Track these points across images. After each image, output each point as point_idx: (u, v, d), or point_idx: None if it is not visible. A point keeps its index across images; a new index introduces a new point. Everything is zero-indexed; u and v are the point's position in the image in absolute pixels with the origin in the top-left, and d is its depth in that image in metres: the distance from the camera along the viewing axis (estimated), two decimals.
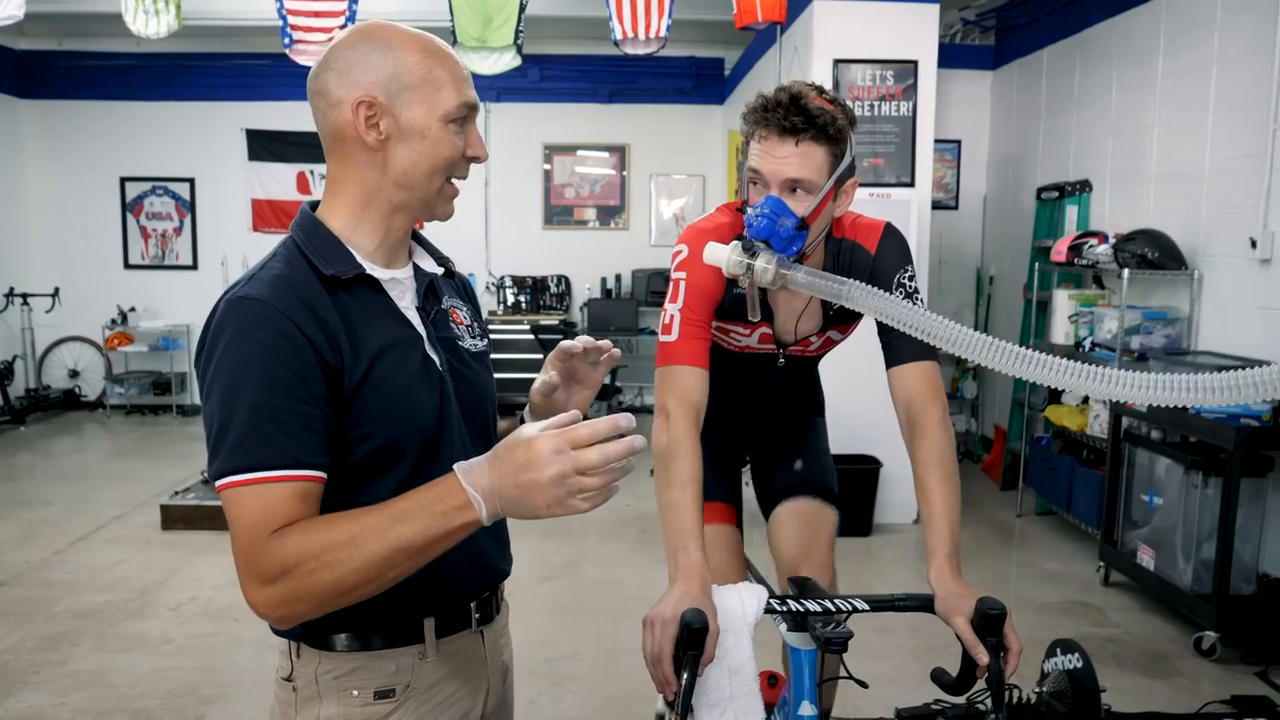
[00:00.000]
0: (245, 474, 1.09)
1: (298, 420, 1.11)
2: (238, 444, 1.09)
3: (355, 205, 1.24)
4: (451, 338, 1.33)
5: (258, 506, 1.09)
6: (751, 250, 1.53)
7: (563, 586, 4.29)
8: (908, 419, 1.70)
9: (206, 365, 1.14)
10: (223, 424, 1.10)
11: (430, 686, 1.27)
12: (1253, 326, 4.06)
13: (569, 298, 8.59)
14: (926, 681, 3.35)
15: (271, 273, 1.17)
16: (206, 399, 1.13)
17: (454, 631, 1.29)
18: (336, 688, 1.23)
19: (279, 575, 1.07)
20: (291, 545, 1.07)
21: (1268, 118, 3.93)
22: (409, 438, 1.21)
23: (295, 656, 1.25)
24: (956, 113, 6.68)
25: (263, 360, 1.10)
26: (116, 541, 4.89)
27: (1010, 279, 6.48)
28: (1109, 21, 5.24)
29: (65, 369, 8.58)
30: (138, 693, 3.28)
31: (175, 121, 8.33)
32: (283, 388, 1.10)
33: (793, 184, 1.61)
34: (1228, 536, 3.54)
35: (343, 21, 4.79)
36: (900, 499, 5.25)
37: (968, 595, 1.46)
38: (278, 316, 1.12)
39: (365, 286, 1.23)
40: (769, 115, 1.60)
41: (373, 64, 1.19)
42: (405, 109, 1.19)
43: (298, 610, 1.09)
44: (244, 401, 1.09)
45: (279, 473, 1.09)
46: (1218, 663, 3.54)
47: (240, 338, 1.11)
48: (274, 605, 1.09)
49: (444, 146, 1.21)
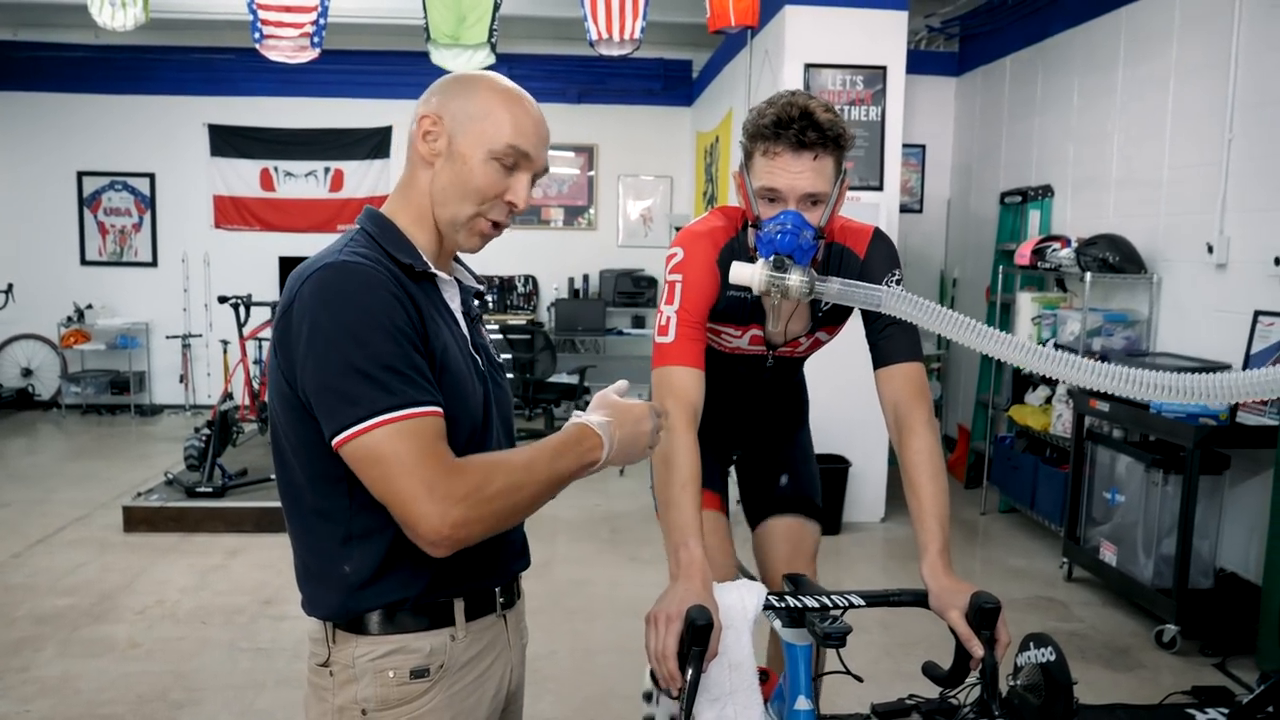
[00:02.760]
0: (400, 410, 1.14)
1: (425, 367, 1.20)
2: (384, 385, 1.14)
3: (415, 212, 1.33)
4: (486, 345, 1.42)
5: (424, 437, 1.14)
6: (783, 267, 1.57)
7: (535, 586, 4.26)
8: (895, 419, 1.74)
9: (314, 324, 1.16)
10: (358, 369, 1.14)
11: (462, 666, 1.32)
12: (1209, 328, 4.18)
13: (536, 298, 8.58)
14: (899, 678, 3.42)
15: (358, 251, 1.23)
16: (321, 355, 1.15)
17: (481, 614, 1.35)
18: (373, 669, 1.26)
19: (469, 494, 1.14)
20: (481, 467, 1.17)
21: (1223, 128, 4.06)
22: (463, 420, 1.27)
23: (331, 642, 1.29)
24: (921, 118, 6.79)
25: (387, 314, 1.17)
26: (77, 544, 4.79)
27: (973, 282, 6.60)
28: (1070, 31, 5.37)
29: (18, 367, 8.38)
30: (105, 699, 3.23)
31: (135, 115, 8.17)
32: (408, 339, 1.18)
33: (811, 197, 1.65)
34: (1187, 532, 3.65)
35: (314, 17, 4.74)
36: (868, 498, 5.32)
37: (961, 590, 1.51)
38: (387, 279, 1.20)
39: (429, 282, 1.32)
40: (782, 131, 1.62)
41: (456, 94, 1.31)
42: (460, 135, 1.29)
43: (473, 530, 1.16)
44: (380, 349, 1.15)
45: (427, 408, 1.16)
46: (1178, 655, 3.64)
47: (360, 294, 1.17)
48: (458, 524, 1.14)
49: (478, 177, 1.29)
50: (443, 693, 1.29)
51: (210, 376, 8.31)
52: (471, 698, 1.33)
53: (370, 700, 1.26)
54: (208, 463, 5.18)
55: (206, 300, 8.12)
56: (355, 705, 1.26)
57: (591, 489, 5.94)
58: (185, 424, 7.78)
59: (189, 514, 4.93)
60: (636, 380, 8.92)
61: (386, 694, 1.26)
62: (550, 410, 7.35)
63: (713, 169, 7.29)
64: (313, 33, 4.79)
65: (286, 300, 1.21)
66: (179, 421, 8.02)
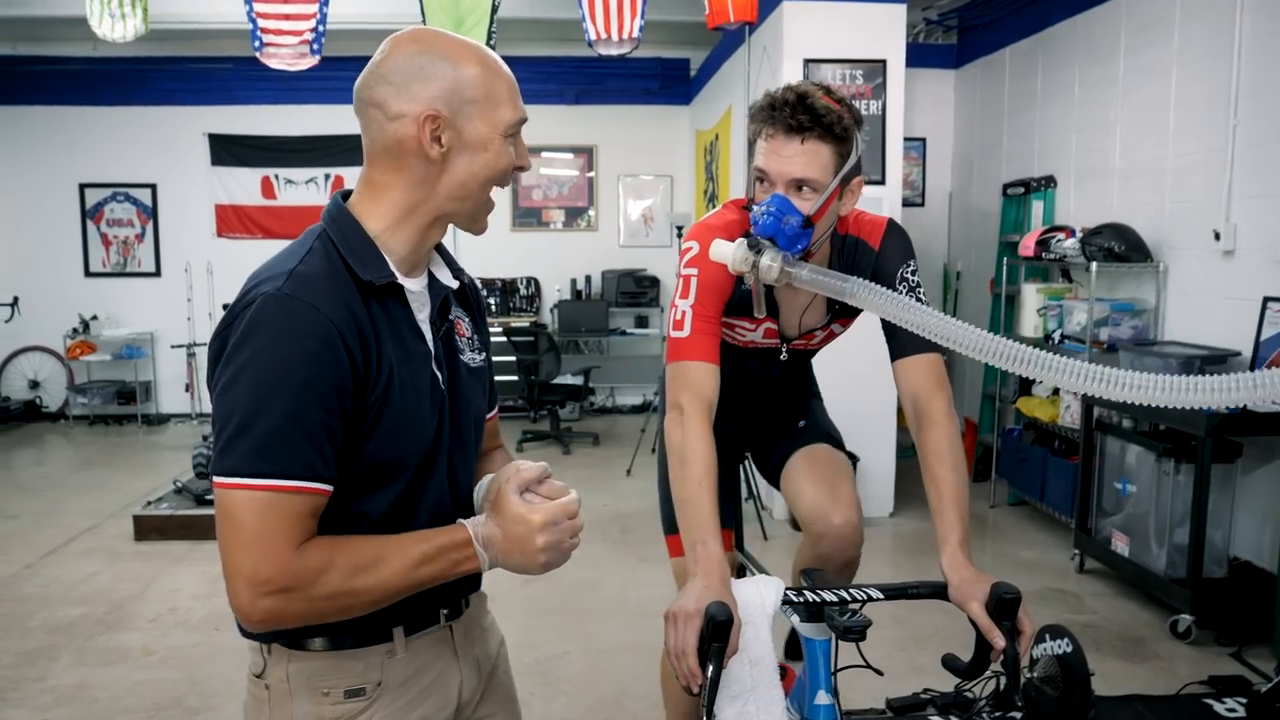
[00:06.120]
0: (265, 479, 1.08)
1: (326, 435, 1.11)
2: (261, 447, 1.08)
3: (397, 213, 1.22)
4: (454, 354, 1.32)
5: (274, 514, 1.08)
6: (757, 247, 1.55)
7: (545, 588, 4.28)
8: (914, 410, 1.73)
9: (233, 356, 1.10)
10: (245, 422, 1.08)
11: (402, 683, 1.27)
12: (1217, 317, 4.17)
13: (539, 299, 8.57)
14: (913, 671, 3.40)
15: (313, 270, 1.15)
16: (226, 389, 1.10)
17: (423, 629, 1.30)
18: (308, 686, 1.23)
19: (290, 587, 1.08)
20: (315, 561, 1.09)
21: (1227, 113, 4.05)
22: (410, 455, 1.22)
23: (267, 654, 1.25)
24: (921, 111, 6.78)
25: (305, 370, 1.09)
26: (89, 553, 4.80)
27: (977, 274, 6.59)
28: (1070, 20, 5.35)
29: (25, 379, 8.39)
30: (122, 706, 3.23)
31: (135, 126, 8.18)
32: (319, 400, 1.10)
33: (799, 183, 1.63)
34: (1200, 521, 3.63)
35: (313, 24, 4.75)
36: (877, 493, 5.31)
37: (981, 580, 1.50)
38: (325, 324, 1.11)
39: (392, 296, 1.22)
40: (775, 114, 1.62)
41: (432, 77, 1.18)
42: (468, 123, 1.19)
43: (285, 621, 1.12)
44: (277, 408, 1.08)
45: (299, 483, 1.09)
46: (1193, 645, 3.63)
47: (284, 340, 1.09)
48: (268, 614, 1.10)
49: (503, 158, 1.23)
50: (381, 710, 1.25)
51: None
52: (414, 713, 1.28)
53: (307, 717, 1.23)
54: None
55: (210, 309, 8.12)
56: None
57: (600, 489, 5.94)
58: (192, 432, 7.80)
59: (199, 521, 4.93)
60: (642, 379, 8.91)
61: (322, 712, 1.23)
62: (555, 411, 7.35)
63: (713, 167, 7.28)
64: (312, 40, 4.80)
65: (229, 317, 1.14)
66: (186, 430, 8.03)
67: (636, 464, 6.43)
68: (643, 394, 8.62)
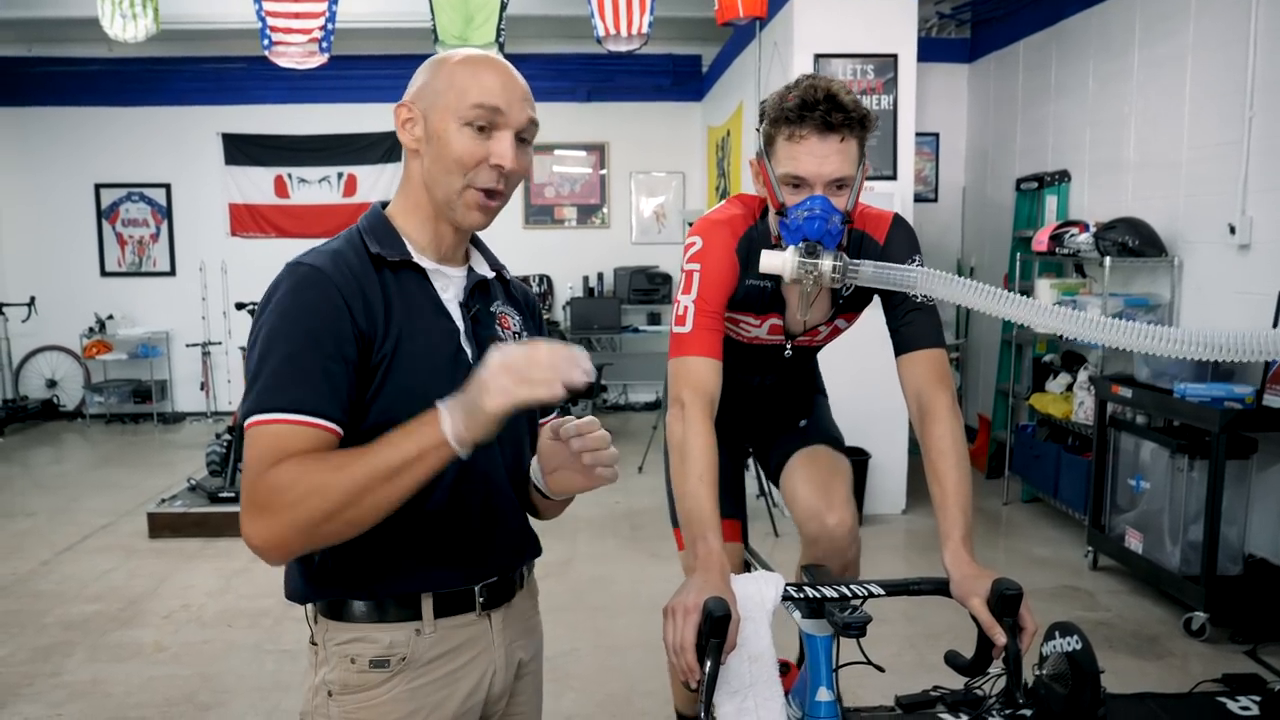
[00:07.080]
0: (268, 414, 1.16)
1: (325, 376, 1.18)
2: (266, 388, 1.17)
3: (409, 204, 1.34)
4: (492, 337, 1.36)
5: (269, 444, 1.15)
6: (814, 252, 1.55)
7: (556, 584, 4.29)
8: (918, 406, 1.72)
9: (256, 320, 1.24)
10: (256, 370, 1.18)
11: (427, 662, 1.31)
12: (1232, 311, 4.12)
13: (551, 297, 8.58)
14: (923, 669, 3.39)
15: (330, 248, 1.28)
16: (251, 350, 1.22)
17: (457, 612, 1.33)
18: (338, 654, 1.30)
19: (267, 501, 1.12)
20: (282, 472, 1.13)
21: (1243, 105, 4.00)
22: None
23: (313, 622, 1.34)
24: (933, 106, 6.74)
25: (305, 317, 1.19)
26: (103, 551, 4.84)
27: (991, 269, 6.55)
28: (1084, 13, 5.31)
29: (42, 379, 8.47)
30: (134, 702, 3.25)
31: (149, 126, 8.23)
32: (318, 344, 1.18)
33: (837, 182, 1.62)
34: (1215, 518, 3.59)
35: (322, 22, 4.76)
36: (889, 490, 5.29)
37: (983, 576, 1.49)
38: (325, 281, 1.21)
39: (412, 273, 1.31)
40: (807, 114, 1.59)
41: (420, 77, 1.32)
42: (432, 113, 1.28)
43: (287, 545, 1.14)
44: (280, 351, 1.17)
45: (297, 417, 1.16)
46: (1207, 642, 3.60)
47: (288, 295, 1.21)
48: (263, 536, 1.13)
49: (455, 146, 1.27)
50: (403, 685, 1.29)
51: (230, 383, 8.36)
52: (438, 694, 1.32)
53: (335, 683, 1.29)
54: (230, 468, 5.22)
55: (225, 308, 8.17)
56: (325, 686, 1.30)
57: (611, 486, 5.91)
58: (207, 430, 7.85)
59: (212, 519, 4.96)
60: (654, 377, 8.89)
61: (348, 679, 1.29)
62: (567, 408, 7.34)
63: (725, 163, 7.26)
64: (321, 38, 4.81)
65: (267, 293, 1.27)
66: (201, 428, 8.08)
67: (649, 461, 6.43)
68: (655, 391, 8.60)
